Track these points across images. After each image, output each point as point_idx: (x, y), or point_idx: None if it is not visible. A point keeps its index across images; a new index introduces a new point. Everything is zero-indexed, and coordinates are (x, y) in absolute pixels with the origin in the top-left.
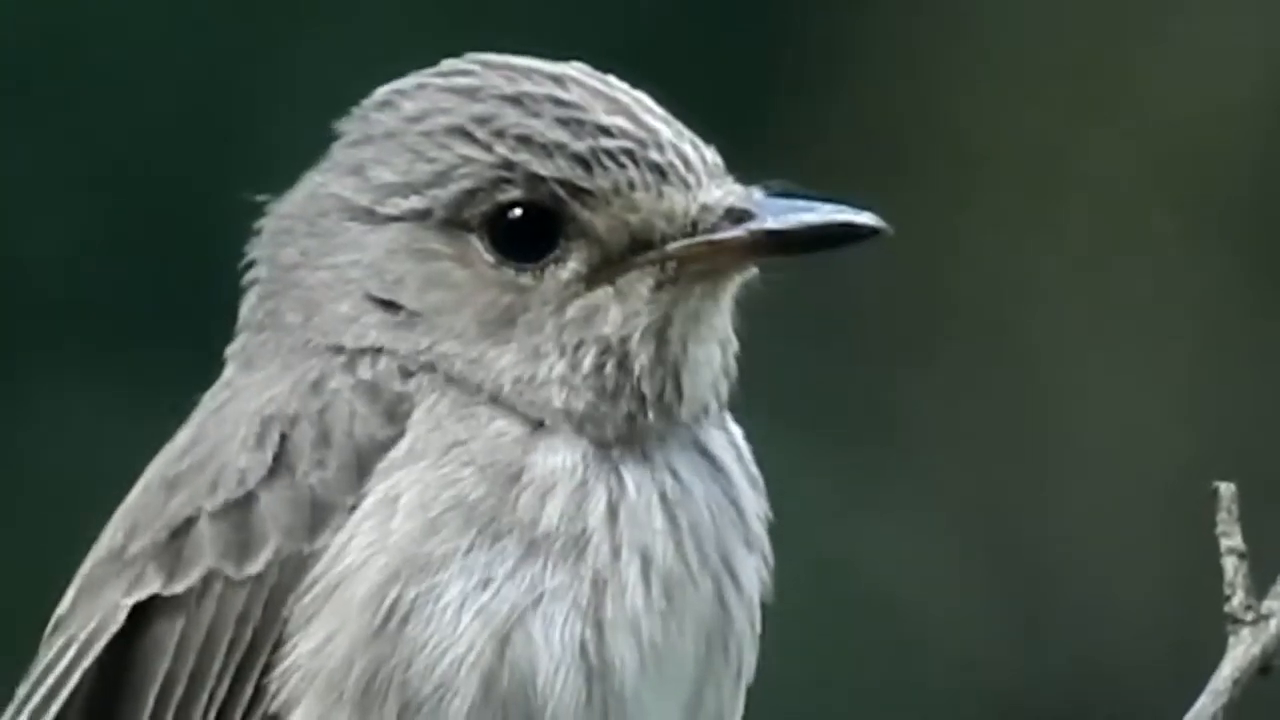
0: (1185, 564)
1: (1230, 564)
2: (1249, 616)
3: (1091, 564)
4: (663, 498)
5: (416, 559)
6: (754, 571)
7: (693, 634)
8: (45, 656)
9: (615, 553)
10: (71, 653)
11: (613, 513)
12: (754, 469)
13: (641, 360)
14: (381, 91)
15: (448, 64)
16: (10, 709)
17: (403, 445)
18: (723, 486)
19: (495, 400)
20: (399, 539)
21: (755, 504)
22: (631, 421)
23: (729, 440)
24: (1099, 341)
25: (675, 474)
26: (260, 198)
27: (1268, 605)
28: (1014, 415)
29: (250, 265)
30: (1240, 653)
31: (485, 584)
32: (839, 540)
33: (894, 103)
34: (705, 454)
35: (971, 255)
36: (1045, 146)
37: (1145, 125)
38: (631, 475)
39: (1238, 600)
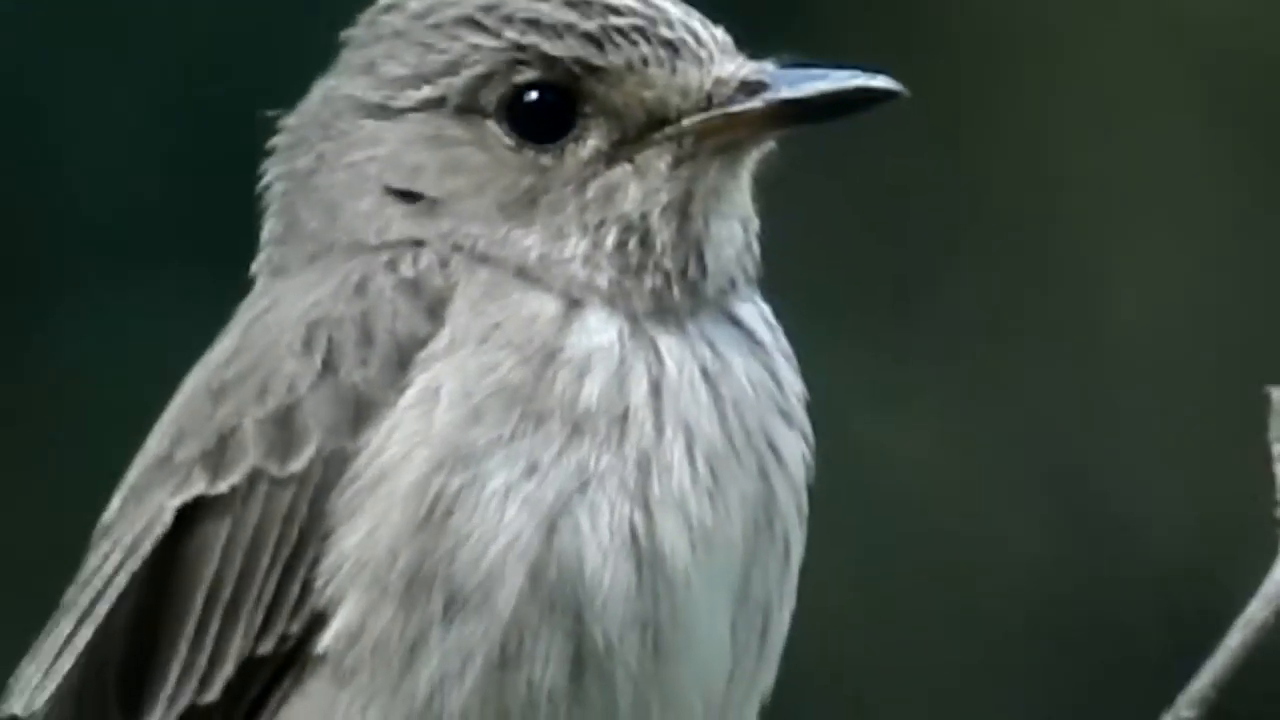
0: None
1: None
2: None
3: (1133, 464)
4: (704, 372)
5: (459, 448)
6: (796, 448)
7: (739, 512)
8: (91, 562)
9: (659, 430)
10: (118, 556)
11: (655, 390)
12: (786, 344)
13: (663, 236)
14: None
15: None
16: (57, 613)
17: (443, 336)
18: (761, 359)
19: (524, 274)
20: (441, 429)
21: (792, 379)
22: (657, 297)
23: (760, 314)
24: (1127, 228)
25: (713, 347)
26: (272, 113)
27: None
28: (1040, 300)
29: (268, 186)
30: None
31: (530, 471)
32: (871, 429)
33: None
34: (740, 326)
35: (995, 138)
36: (1067, 31)
37: (1174, 19)
38: (670, 350)
39: None
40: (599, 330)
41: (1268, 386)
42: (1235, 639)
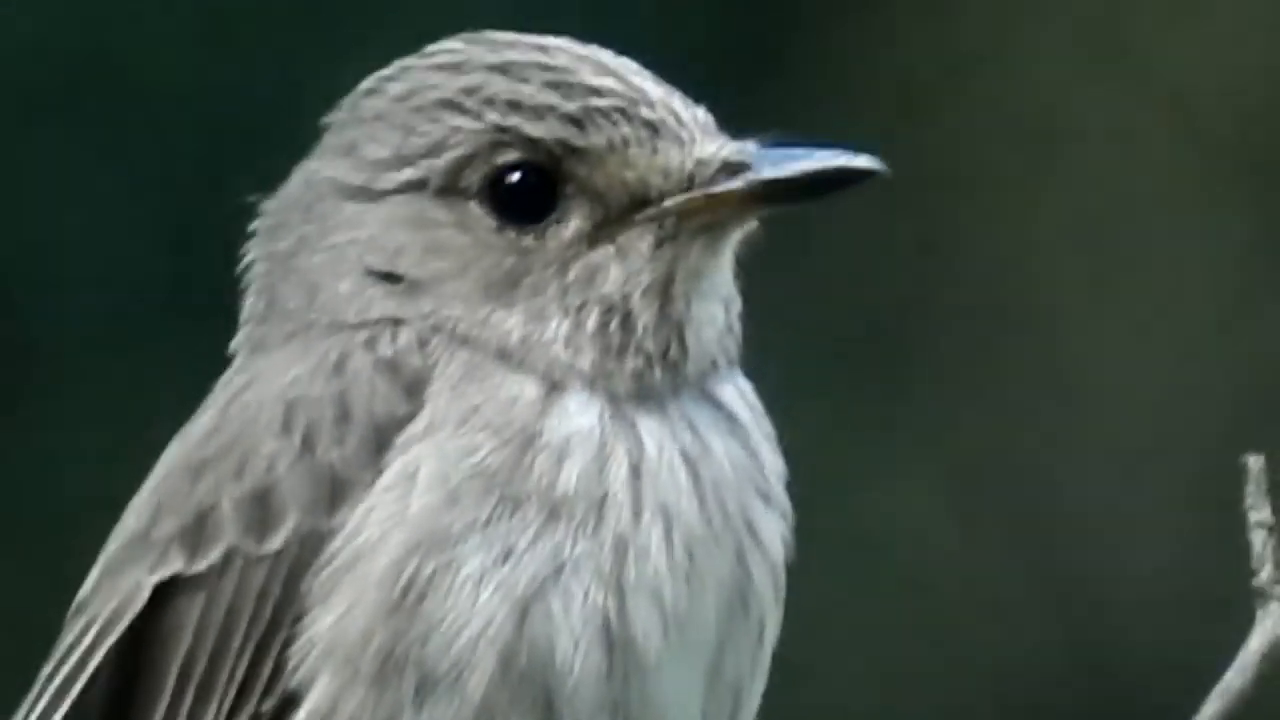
0: (1206, 528)
1: (1259, 538)
2: (1277, 591)
3: (1109, 524)
4: (684, 454)
5: (435, 532)
6: (775, 529)
7: (714, 595)
8: (67, 637)
9: (637, 514)
10: (94, 632)
11: (635, 473)
12: (767, 424)
13: (645, 318)
14: (365, 81)
15: (430, 47)
16: (34, 689)
17: (422, 418)
18: (741, 440)
19: (504, 356)
20: (417, 512)
21: (773, 460)
22: (639, 379)
23: (741, 395)
24: (1115, 299)
25: (694, 429)
26: (253, 197)
27: None
28: (1026, 371)
29: (248, 267)
30: (1268, 627)
31: (505, 556)
32: (843, 495)
33: (900, 52)
34: (720, 408)
35: (984, 209)
36: (1055, 99)
37: (1156, 79)
38: (650, 433)
39: (1266, 574)
40: (579, 413)
41: (1244, 455)
42: (1211, 707)
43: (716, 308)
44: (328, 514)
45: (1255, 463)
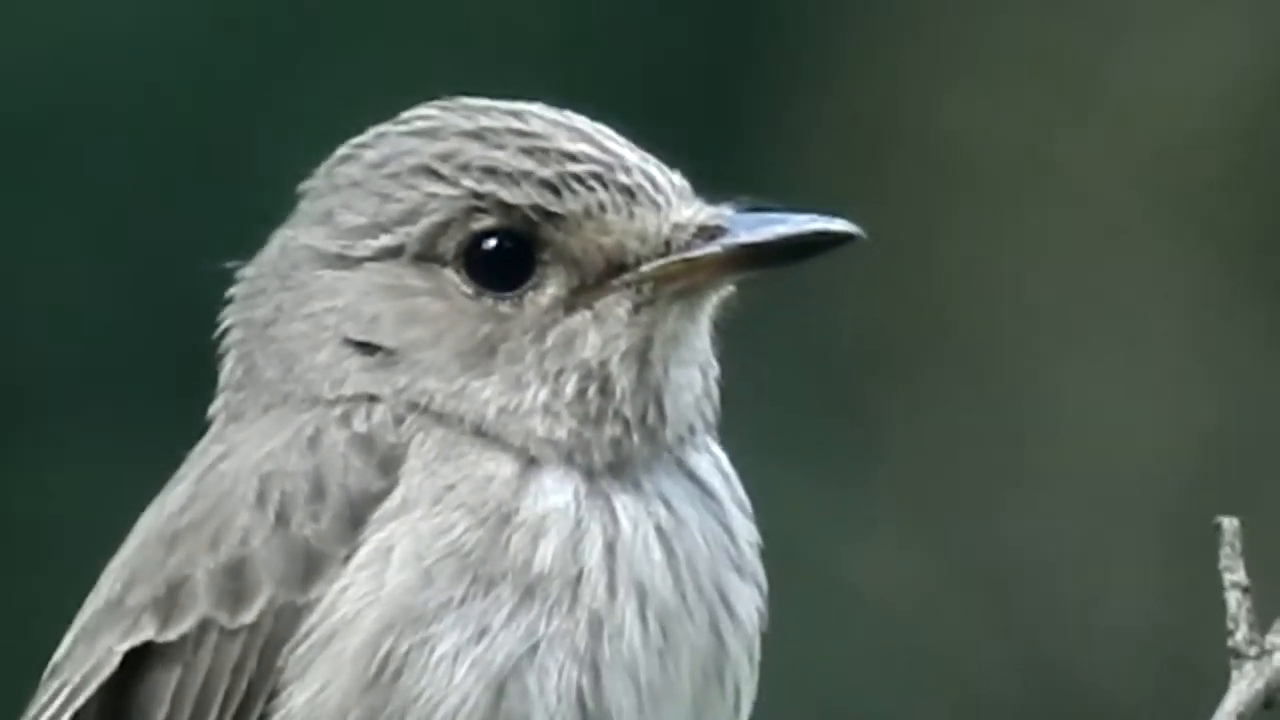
0: (1179, 577)
1: (1234, 599)
2: (1253, 651)
3: (1081, 578)
4: (658, 530)
5: (411, 610)
6: (749, 600)
7: (689, 669)
8: (40, 699)
9: (611, 591)
10: (64, 695)
11: (609, 550)
12: (742, 493)
13: (623, 384)
14: (341, 148)
15: (405, 114)
16: None
17: (396, 495)
18: (715, 513)
19: (481, 432)
20: (392, 590)
21: (746, 530)
22: (617, 446)
23: (715, 465)
24: (1083, 349)
25: (668, 504)
26: (231, 264)
27: (1271, 640)
28: (998, 426)
29: (225, 333)
30: (1244, 687)
31: (480, 635)
32: (820, 554)
33: (867, 110)
34: (694, 480)
35: (950, 262)
36: (1022, 150)
37: (1125, 125)
38: (625, 509)
39: (1241, 635)
40: (555, 491)
41: (1218, 517)
42: None
43: (694, 372)
44: (302, 589)
45: (1229, 524)
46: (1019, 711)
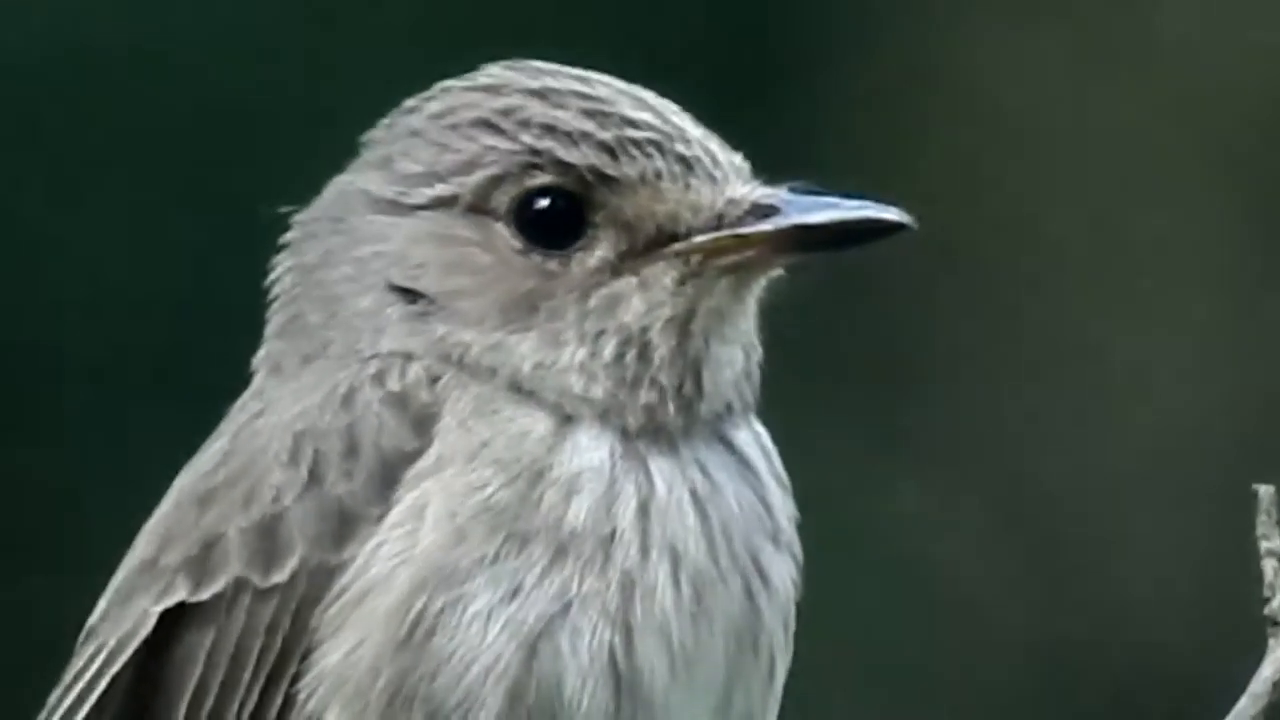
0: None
1: (1270, 567)
2: None
3: (1122, 532)
4: (693, 494)
5: (443, 569)
6: (784, 570)
7: (722, 634)
8: (75, 663)
9: (644, 552)
10: (100, 659)
11: (643, 511)
12: (781, 469)
13: (661, 352)
14: (408, 100)
15: (473, 72)
16: (42, 715)
17: (431, 453)
18: (751, 484)
19: (516, 388)
20: (425, 548)
21: (783, 503)
22: (651, 413)
23: (755, 439)
24: (1125, 302)
25: (704, 470)
26: (285, 209)
27: None
28: (1039, 380)
29: (276, 280)
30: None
31: (513, 594)
32: (865, 505)
33: (906, 63)
34: (732, 450)
35: (990, 217)
36: (1064, 102)
37: (1170, 76)
38: (661, 471)
39: (1277, 602)
40: (589, 449)
41: (1255, 485)
42: None
43: (736, 351)
44: (335, 548)
45: (1266, 492)
46: (1060, 664)
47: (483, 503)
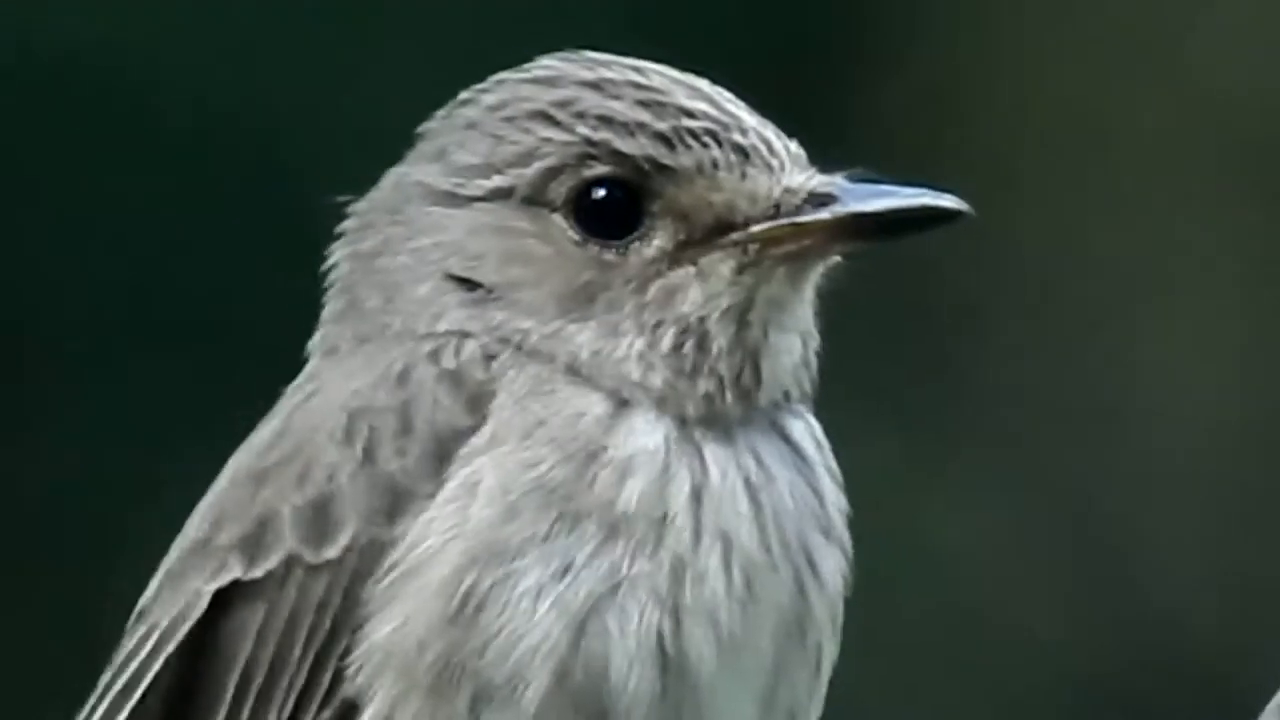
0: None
1: None
2: None
3: (1152, 535)
4: (747, 482)
5: (494, 545)
6: (834, 563)
7: (771, 623)
8: (128, 644)
9: (696, 537)
10: (154, 639)
11: (696, 496)
12: (833, 462)
13: (720, 342)
14: (463, 93)
15: (528, 65)
16: (93, 696)
17: (485, 431)
18: (805, 475)
19: (574, 371)
20: (477, 524)
21: (835, 496)
22: (710, 402)
23: (809, 431)
24: (1161, 306)
25: (759, 458)
26: (342, 198)
27: None
28: (1079, 382)
29: (332, 267)
30: None
31: (563, 572)
32: (899, 508)
33: (944, 72)
34: (788, 441)
35: (1031, 221)
36: (1101, 112)
37: (1201, 86)
38: (715, 458)
39: None
40: (645, 432)
41: None
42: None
43: (794, 339)
44: (388, 524)
45: None
46: (1098, 660)
47: (536, 480)
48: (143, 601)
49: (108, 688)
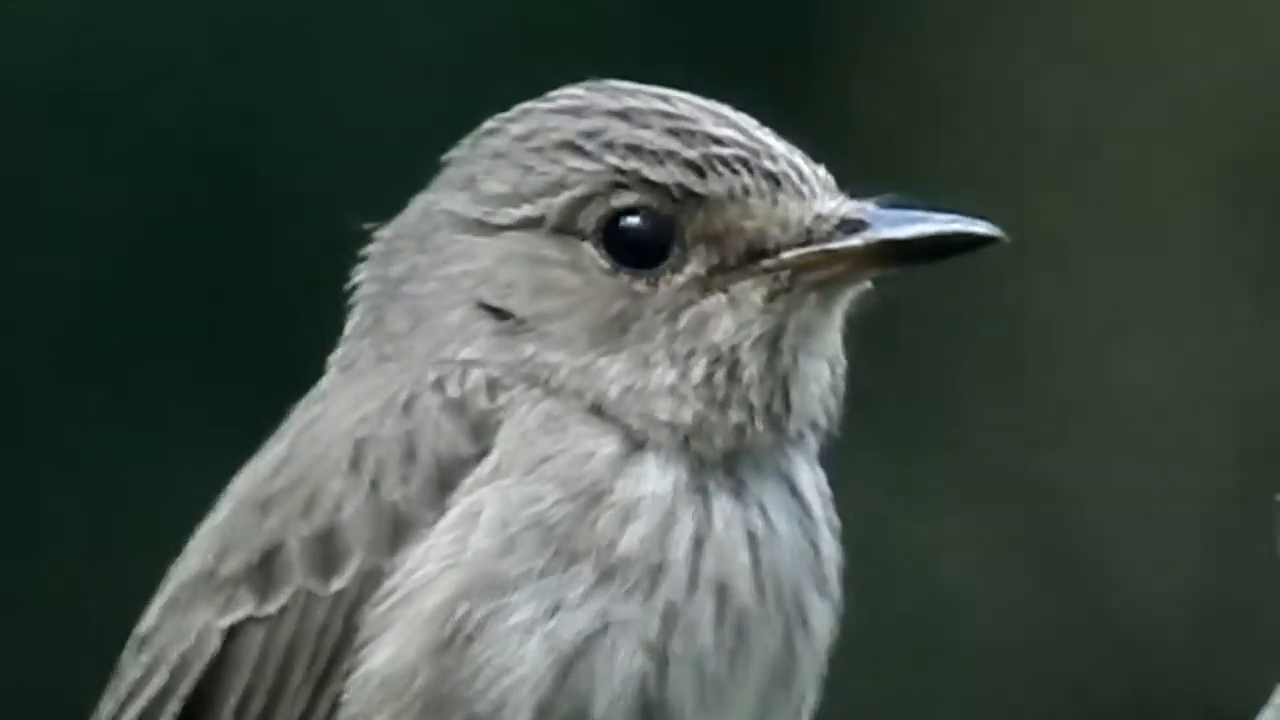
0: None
1: None
2: None
3: (1144, 548)
4: (750, 536)
5: (489, 577)
6: (825, 617)
7: (758, 673)
8: (132, 674)
9: (693, 585)
10: (163, 675)
11: (697, 544)
12: (834, 515)
13: (751, 370)
14: (488, 122)
15: (552, 93)
16: None
17: (489, 461)
18: (806, 529)
19: (598, 410)
20: (474, 555)
21: (832, 550)
22: (740, 433)
23: (815, 481)
24: (1145, 319)
25: (764, 512)
26: (368, 225)
27: None
28: (1061, 396)
29: (355, 288)
30: None
31: (555, 609)
32: (881, 523)
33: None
34: (795, 494)
35: (1017, 236)
36: (1085, 123)
37: (1188, 97)
38: (721, 509)
39: None
40: (654, 477)
41: (1277, 494)
42: None
43: (823, 365)
44: (389, 553)
45: None
46: (1082, 675)
47: (536, 515)
48: (143, 628)
49: (115, 718)
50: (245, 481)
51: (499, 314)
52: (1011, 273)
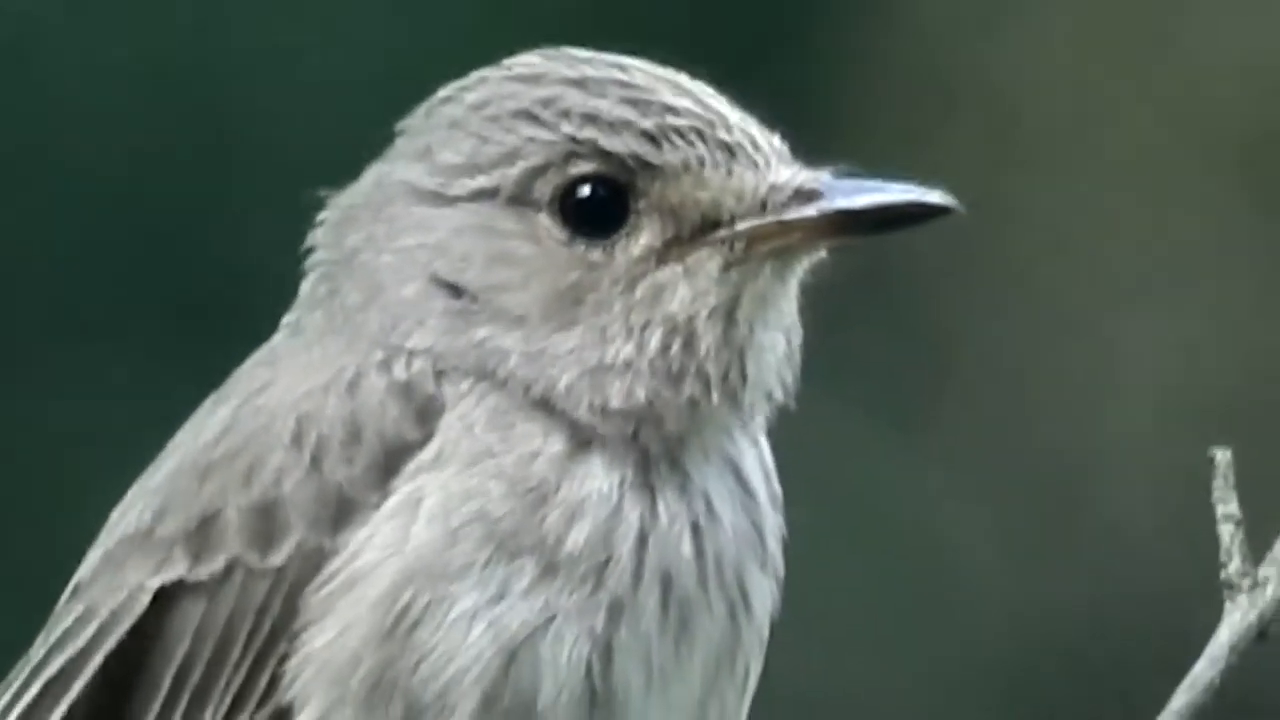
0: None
1: (1227, 531)
2: (1246, 584)
3: (1138, 512)
4: (694, 527)
5: (433, 566)
6: (766, 593)
7: (702, 655)
8: (63, 622)
9: (637, 578)
10: (91, 629)
11: (642, 540)
12: (777, 487)
13: (707, 341)
14: (444, 89)
15: (508, 61)
16: (24, 669)
17: (431, 448)
18: (749, 511)
19: (546, 404)
20: (416, 544)
21: (775, 525)
22: (694, 408)
23: (760, 460)
24: (1140, 293)
25: (709, 502)
26: (323, 191)
27: (1263, 571)
28: (1056, 367)
29: (310, 253)
30: (1237, 619)
31: (499, 598)
32: (877, 482)
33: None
34: (739, 478)
35: (1012, 207)
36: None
37: (1185, 79)
38: (666, 505)
39: (1234, 567)
40: (600, 476)
41: (1211, 449)
42: (1181, 700)
43: (779, 336)
44: (331, 533)
45: (1223, 457)
46: (1085, 642)
47: (479, 510)
48: (79, 577)
49: (40, 666)
50: (187, 443)
51: (454, 290)
52: (1019, 248)
